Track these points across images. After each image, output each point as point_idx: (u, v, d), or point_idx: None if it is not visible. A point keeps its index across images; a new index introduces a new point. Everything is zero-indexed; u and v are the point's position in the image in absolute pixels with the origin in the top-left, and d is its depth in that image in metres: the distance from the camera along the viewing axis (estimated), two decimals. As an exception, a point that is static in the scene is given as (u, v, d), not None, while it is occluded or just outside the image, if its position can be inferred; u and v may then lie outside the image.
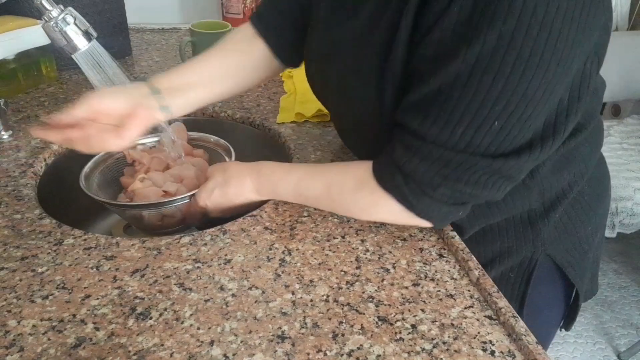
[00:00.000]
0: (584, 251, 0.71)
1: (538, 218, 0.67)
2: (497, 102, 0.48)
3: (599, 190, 0.72)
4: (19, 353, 0.47)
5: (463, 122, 0.50)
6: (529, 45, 0.45)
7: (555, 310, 0.75)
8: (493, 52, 0.46)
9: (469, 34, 0.47)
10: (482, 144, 0.51)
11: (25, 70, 0.98)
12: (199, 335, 0.50)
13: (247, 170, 0.67)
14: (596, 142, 0.70)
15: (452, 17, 0.48)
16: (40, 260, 0.58)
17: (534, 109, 0.49)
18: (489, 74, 0.47)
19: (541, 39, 0.45)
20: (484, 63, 0.47)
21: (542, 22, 0.45)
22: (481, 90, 0.48)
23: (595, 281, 0.79)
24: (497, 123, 0.49)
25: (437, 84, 0.50)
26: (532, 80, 0.47)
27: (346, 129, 0.73)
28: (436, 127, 0.51)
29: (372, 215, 0.63)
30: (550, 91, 0.49)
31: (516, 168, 0.54)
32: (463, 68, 0.48)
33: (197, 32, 1.07)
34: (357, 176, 0.60)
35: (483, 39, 0.46)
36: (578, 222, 0.69)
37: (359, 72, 0.59)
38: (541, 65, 0.46)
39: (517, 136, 0.51)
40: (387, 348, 0.49)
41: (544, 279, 0.70)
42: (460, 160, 0.52)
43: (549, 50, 0.46)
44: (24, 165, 0.76)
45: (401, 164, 0.55)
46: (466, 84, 0.48)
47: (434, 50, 0.50)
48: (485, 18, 0.46)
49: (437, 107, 0.51)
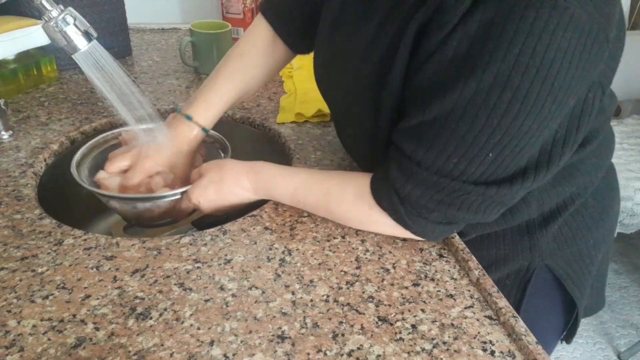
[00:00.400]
0: (586, 264, 0.70)
1: (536, 228, 0.66)
2: (492, 135, 0.49)
3: (604, 204, 0.71)
4: (19, 353, 0.47)
5: (457, 153, 0.51)
6: (525, 86, 0.45)
7: (554, 321, 0.74)
8: (489, 89, 0.46)
9: (466, 71, 0.47)
10: (475, 172, 0.52)
11: (25, 70, 0.98)
12: (199, 335, 0.50)
13: (244, 169, 0.67)
14: (604, 155, 0.68)
15: (449, 51, 0.48)
16: (40, 260, 0.58)
17: (528, 141, 0.50)
18: (485, 110, 0.47)
19: (539, 79, 0.45)
20: (480, 99, 0.47)
21: (541, 63, 0.44)
22: (476, 124, 0.48)
23: (601, 295, 0.78)
24: (492, 154, 0.50)
25: (432, 115, 0.50)
26: (528, 117, 0.47)
27: (344, 133, 0.73)
28: (430, 155, 0.52)
29: (369, 228, 0.63)
30: (545, 125, 0.49)
31: (509, 196, 0.54)
32: (459, 102, 0.48)
33: (197, 32, 1.08)
34: (355, 190, 0.61)
35: (480, 77, 0.46)
36: (579, 234, 0.68)
37: (358, 89, 0.60)
38: (537, 104, 0.47)
39: (511, 164, 0.52)
40: (387, 348, 0.49)
41: (542, 288, 0.69)
42: (454, 187, 0.53)
43: (546, 90, 0.46)
44: (24, 165, 0.76)
45: (396, 186, 0.56)
46: (461, 117, 0.49)
47: (430, 80, 0.50)
48: (483, 56, 0.46)
49: (432, 136, 0.51)
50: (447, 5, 0.47)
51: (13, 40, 0.93)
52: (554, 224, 0.66)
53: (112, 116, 0.90)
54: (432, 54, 0.49)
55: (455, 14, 0.47)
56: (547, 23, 0.43)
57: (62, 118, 0.90)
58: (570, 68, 0.45)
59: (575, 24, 0.44)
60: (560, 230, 0.67)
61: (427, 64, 0.50)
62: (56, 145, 0.82)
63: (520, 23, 0.44)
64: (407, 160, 0.54)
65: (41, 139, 0.83)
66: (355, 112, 0.63)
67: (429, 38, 0.49)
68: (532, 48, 0.44)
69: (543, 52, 0.44)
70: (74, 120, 0.89)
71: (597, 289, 0.77)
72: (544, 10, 0.43)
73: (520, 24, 0.44)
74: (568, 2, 0.43)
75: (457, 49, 0.47)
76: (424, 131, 0.52)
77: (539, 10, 0.43)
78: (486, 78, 0.46)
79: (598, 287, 0.77)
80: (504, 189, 0.53)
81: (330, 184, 0.63)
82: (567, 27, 0.44)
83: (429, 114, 0.51)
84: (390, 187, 0.57)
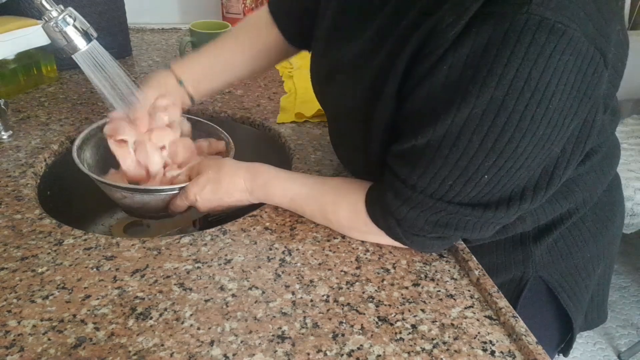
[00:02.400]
0: (582, 278, 0.69)
1: (530, 240, 0.66)
2: (487, 158, 0.48)
3: (604, 218, 0.70)
4: (19, 353, 0.47)
5: (452, 176, 0.50)
6: (519, 109, 0.44)
7: (549, 334, 0.72)
8: (483, 115, 0.45)
9: (458, 96, 0.46)
10: (471, 193, 0.51)
11: (25, 70, 0.98)
12: (199, 335, 0.50)
13: (242, 171, 0.66)
14: (606, 169, 0.67)
15: (441, 75, 0.46)
16: (40, 260, 0.58)
17: (524, 162, 0.48)
18: (478, 134, 0.46)
19: (533, 102, 0.44)
20: (473, 124, 0.46)
21: (536, 87, 0.43)
22: (470, 148, 0.47)
23: (602, 309, 0.77)
24: (487, 176, 0.49)
25: (425, 139, 0.49)
26: (523, 139, 0.46)
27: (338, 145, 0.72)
28: (425, 178, 0.51)
29: (368, 239, 0.63)
30: (541, 146, 0.48)
31: (506, 217, 0.54)
32: (452, 128, 0.47)
33: (197, 32, 1.08)
34: (351, 207, 0.60)
35: (473, 103, 0.45)
36: (575, 248, 0.67)
37: (350, 105, 0.59)
38: (532, 127, 0.45)
39: (507, 184, 0.51)
40: (387, 348, 0.49)
41: (536, 300, 0.68)
42: (451, 210, 0.53)
43: (541, 113, 0.44)
44: (24, 165, 0.76)
45: (392, 210, 0.55)
46: (455, 142, 0.48)
47: (422, 104, 0.49)
48: (476, 82, 0.44)
49: (425, 160, 0.50)
50: (439, 29, 0.46)
51: (13, 40, 0.93)
52: (549, 237, 0.65)
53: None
54: (423, 77, 0.48)
55: (447, 38, 0.45)
56: (543, 47, 0.42)
57: (62, 118, 0.90)
58: (566, 90, 0.44)
59: (573, 46, 0.42)
60: (556, 243, 0.66)
61: (419, 87, 0.49)
62: (56, 145, 0.82)
63: (515, 48, 0.42)
64: (402, 184, 0.53)
65: (41, 139, 0.83)
66: (347, 127, 0.62)
67: (422, 61, 0.48)
68: (527, 73, 0.42)
69: (538, 76, 0.43)
70: (74, 120, 0.89)
71: (598, 302, 0.76)
72: (540, 34, 0.41)
73: (515, 49, 0.42)
74: (566, 25, 0.42)
75: (449, 73, 0.46)
76: (417, 155, 0.51)
77: (536, 34, 0.41)
78: (479, 104, 0.45)
79: (599, 301, 0.76)
80: (501, 211, 0.52)
81: (326, 199, 0.63)
82: (564, 51, 0.42)
83: (421, 139, 0.50)
84: (385, 211, 0.56)
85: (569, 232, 0.67)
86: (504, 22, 0.42)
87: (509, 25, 0.42)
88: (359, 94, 0.57)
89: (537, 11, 0.42)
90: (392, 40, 0.52)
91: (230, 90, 1.05)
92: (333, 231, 0.64)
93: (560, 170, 0.52)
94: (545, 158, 0.50)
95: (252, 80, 1.11)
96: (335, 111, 0.67)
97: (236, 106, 0.98)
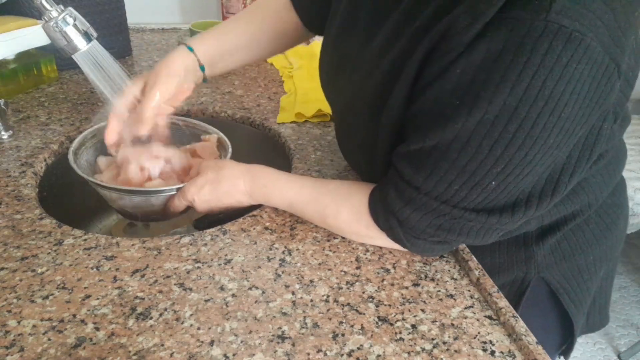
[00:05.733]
0: (584, 280, 0.69)
1: (532, 240, 0.66)
2: (495, 165, 0.47)
3: (608, 220, 0.69)
4: (19, 353, 0.47)
5: (459, 180, 0.49)
6: (532, 117, 0.44)
7: (550, 336, 0.72)
8: (494, 121, 0.45)
9: (469, 101, 0.45)
10: (477, 199, 0.51)
11: (25, 70, 0.98)
12: (199, 335, 0.50)
13: (241, 173, 0.66)
14: (612, 173, 0.67)
15: (453, 78, 0.46)
16: (40, 260, 0.58)
17: (532, 169, 0.48)
18: (488, 140, 0.46)
19: (546, 111, 0.43)
20: (484, 130, 0.46)
21: (550, 96, 0.42)
22: (479, 154, 0.47)
23: (604, 312, 0.77)
24: (494, 182, 0.49)
25: (433, 142, 0.49)
26: (533, 147, 0.46)
27: (343, 139, 0.72)
28: (431, 181, 0.51)
29: (367, 242, 0.63)
30: (550, 153, 0.47)
31: (510, 224, 0.53)
32: (461, 133, 0.47)
33: (197, 32, 1.08)
34: (353, 209, 0.60)
35: (485, 108, 0.44)
36: (578, 249, 0.67)
37: (359, 101, 0.59)
38: (543, 135, 0.45)
39: (513, 190, 0.50)
40: (387, 348, 0.49)
41: (538, 302, 0.68)
42: (455, 215, 0.52)
43: (553, 121, 0.44)
44: (24, 165, 0.76)
45: (395, 210, 0.55)
46: (464, 147, 0.47)
47: (432, 107, 0.49)
48: (488, 87, 0.44)
49: (432, 163, 0.50)
50: (453, 32, 0.45)
51: (13, 40, 0.93)
52: (552, 238, 0.65)
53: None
54: (434, 79, 0.48)
55: (462, 41, 0.44)
56: (559, 56, 0.41)
57: (62, 118, 0.90)
58: (579, 100, 0.43)
59: (589, 56, 0.42)
60: (559, 244, 0.66)
61: (430, 89, 0.48)
62: (56, 145, 0.82)
63: (531, 55, 0.41)
64: (406, 185, 0.53)
65: (41, 139, 0.83)
66: (355, 122, 0.62)
67: (434, 63, 0.47)
68: (541, 81, 0.42)
69: (553, 85, 0.42)
70: (74, 120, 0.89)
71: (600, 306, 0.75)
72: (557, 42, 0.41)
73: (531, 56, 0.41)
74: (583, 34, 0.41)
75: (461, 77, 0.45)
76: (424, 157, 0.50)
77: (553, 42, 0.41)
78: (491, 110, 0.44)
79: (601, 304, 0.76)
80: (506, 217, 0.52)
81: (326, 201, 0.62)
82: (580, 60, 0.41)
83: (429, 141, 0.49)
84: (388, 210, 0.56)
85: (573, 233, 0.67)
86: (520, 28, 0.42)
87: (526, 32, 0.41)
88: (368, 91, 0.57)
89: (555, 19, 0.41)
90: (405, 40, 0.51)
91: (230, 90, 1.05)
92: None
93: (566, 178, 0.52)
94: (551, 163, 0.50)
95: (252, 80, 1.11)
96: (342, 106, 0.66)
97: (236, 106, 0.98)
